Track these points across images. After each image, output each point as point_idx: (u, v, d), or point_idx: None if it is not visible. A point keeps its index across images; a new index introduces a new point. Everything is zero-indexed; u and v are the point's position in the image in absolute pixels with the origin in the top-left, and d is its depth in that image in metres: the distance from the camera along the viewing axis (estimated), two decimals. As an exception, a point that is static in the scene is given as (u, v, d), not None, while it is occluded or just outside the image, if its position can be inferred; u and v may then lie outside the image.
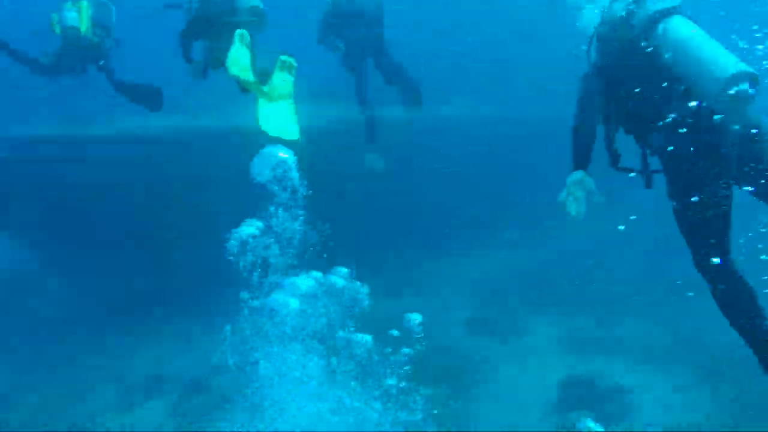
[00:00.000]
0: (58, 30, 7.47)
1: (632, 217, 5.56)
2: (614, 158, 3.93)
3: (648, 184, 3.83)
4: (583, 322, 10.59)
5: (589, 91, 3.75)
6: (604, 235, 14.14)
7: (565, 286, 11.64)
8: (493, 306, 11.00)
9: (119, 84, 7.34)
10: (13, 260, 12.29)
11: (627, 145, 3.93)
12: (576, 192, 3.78)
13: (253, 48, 5.38)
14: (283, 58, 5.40)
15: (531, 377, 8.89)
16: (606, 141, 3.90)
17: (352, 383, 5.65)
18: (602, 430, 7.43)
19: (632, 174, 3.86)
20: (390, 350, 5.98)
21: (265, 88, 5.29)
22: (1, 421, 8.44)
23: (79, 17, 7.48)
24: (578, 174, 3.81)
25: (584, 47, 3.91)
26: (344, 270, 5.66)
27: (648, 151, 3.75)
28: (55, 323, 10.78)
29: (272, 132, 5.33)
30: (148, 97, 7.39)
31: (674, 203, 3.42)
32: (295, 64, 5.43)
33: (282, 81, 5.38)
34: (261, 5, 5.76)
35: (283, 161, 5.32)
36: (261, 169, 5.22)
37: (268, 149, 5.27)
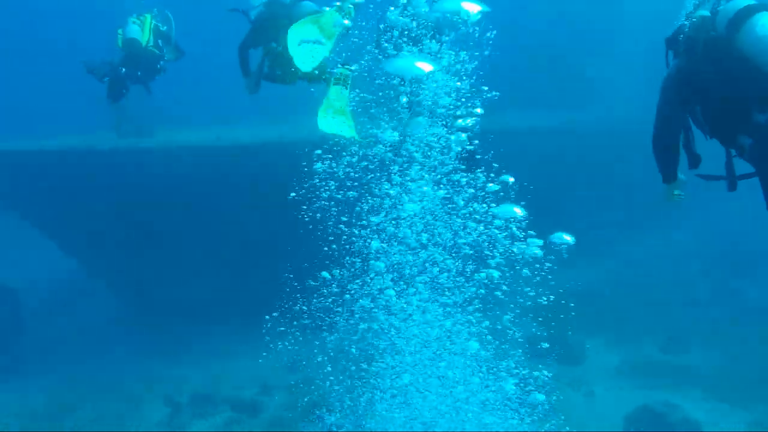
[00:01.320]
0: (120, 43, 7.71)
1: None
2: (695, 160, 3.67)
3: (732, 187, 3.53)
4: (647, 346, 10.00)
5: (671, 97, 3.56)
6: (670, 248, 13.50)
7: (629, 307, 11.04)
8: (553, 326, 10.47)
9: (116, 90, 7.63)
10: (62, 270, 12.45)
11: (704, 148, 3.66)
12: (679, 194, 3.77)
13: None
14: (337, 71, 5.40)
15: (595, 407, 8.41)
16: (686, 144, 3.65)
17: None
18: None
19: (714, 180, 3.53)
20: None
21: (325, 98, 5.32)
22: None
23: (141, 30, 7.70)
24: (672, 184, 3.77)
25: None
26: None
27: (734, 153, 3.44)
28: (104, 336, 10.82)
29: (329, 130, 5.26)
30: (116, 86, 7.67)
31: None
32: (350, 76, 5.41)
33: (337, 94, 5.37)
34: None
35: None
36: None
37: None
